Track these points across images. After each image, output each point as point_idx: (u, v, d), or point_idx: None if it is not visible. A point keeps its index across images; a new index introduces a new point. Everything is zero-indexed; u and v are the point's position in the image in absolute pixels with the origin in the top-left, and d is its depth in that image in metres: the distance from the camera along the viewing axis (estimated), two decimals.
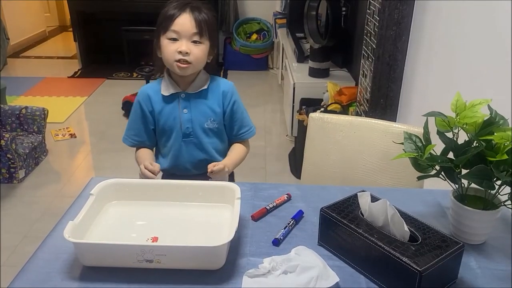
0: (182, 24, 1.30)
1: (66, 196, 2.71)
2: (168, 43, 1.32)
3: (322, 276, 0.87)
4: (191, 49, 1.30)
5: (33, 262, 0.93)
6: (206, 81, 1.41)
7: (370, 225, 0.92)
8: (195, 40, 1.31)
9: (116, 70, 5.05)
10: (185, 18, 1.30)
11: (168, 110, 1.40)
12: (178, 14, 1.30)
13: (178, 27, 1.30)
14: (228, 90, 1.42)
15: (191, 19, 1.30)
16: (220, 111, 1.41)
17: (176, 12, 1.31)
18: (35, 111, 3.09)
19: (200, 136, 1.41)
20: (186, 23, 1.30)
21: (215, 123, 1.41)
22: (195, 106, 1.40)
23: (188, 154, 1.41)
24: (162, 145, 1.46)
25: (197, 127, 1.40)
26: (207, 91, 1.41)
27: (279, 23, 4.75)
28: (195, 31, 1.30)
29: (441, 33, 1.84)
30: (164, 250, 0.88)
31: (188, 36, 1.30)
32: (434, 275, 0.82)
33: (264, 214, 1.11)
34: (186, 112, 1.39)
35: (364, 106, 2.49)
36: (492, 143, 0.91)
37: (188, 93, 1.39)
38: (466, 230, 0.99)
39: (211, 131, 1.42)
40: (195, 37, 1.31)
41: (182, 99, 1.39)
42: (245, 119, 1.46)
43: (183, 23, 1.30)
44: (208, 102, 1.41)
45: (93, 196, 1.04)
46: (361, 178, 1.53)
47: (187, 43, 1.30)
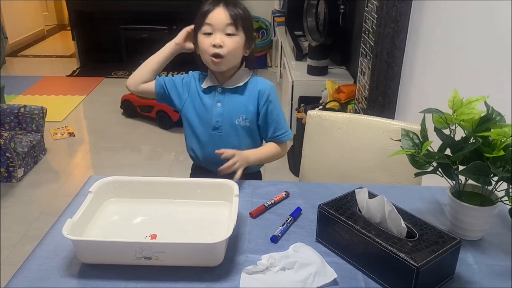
0: (215, 17, 1.30)
1: (65, 194, 2.71)
2: (203, 38, 1.31)
3: (320, 273, 0.88)
4: (224, 41, 1.29)
5: (32, 259, 0.94)
6: (245, 79, 1.40)
7: (368, 222, 0.92)
8: (229, 32, 1.30)
9: (114, 68, 5.04)
10: (219, 11, 1.30)
11: (204, 100, 1.40)
12: (212, 8, 1.30)
13: (211, 20, 1.30)
14: (266, 90, 1.39)
15: (224, 12, 1.29)
16: (254, 110, 1.38)
17: (210, 8, 1.31)
18: (34, 110, 3.08)
19: (229, 132, 1.39)
20: (220, 15, 1.29)
21: (247, 121, 1.39)
22: (228, 101, 1.38)
23: (215, 146, 1.36)
24: (190, 135, 1.44)
25: (227, 122, 1.39)
26: (244, 88, 1.39)
27: (278, 21, 4.74)
28: (228, 22, 1.29)
29: (439, 30, 1.84)
30: (163, 247, 0.88)
31: (222, 28, 1.29)
32: (431, 271, 0.82)
33: (263, 211, 1.11)
34: (219, 105, 1.38)
35: (362, 104, 2.49)
36: (489, 139, 0.91)
37: (224, 88, 1.39)
38: (463, 226, 1.00)
39: (241, 129, 1.39)
40: (228, 29, 1.29)
41: (218, 92, 1.39)
42: (281, 121, 1.42)
43: (216, 15, 1.30)
44: (243, 98, 1.39)
45: (91, 194, 1.04)
46: (359, 175, 1.53)
47: (221, 36, 1.29)
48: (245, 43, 1.35)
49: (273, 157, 1.43)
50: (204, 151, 1.43)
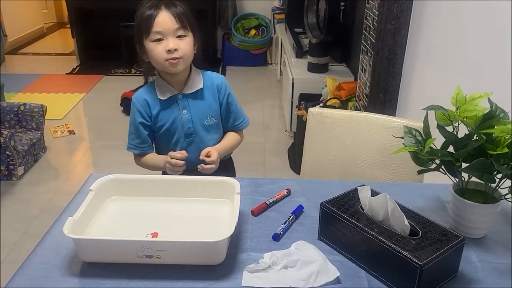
0: (163, 22, 1.28)
1: (65, 192, 2.71)
2: (154, 45, 1.30)
3: (323, 271, 0.87)
4: (178, 45, 1.29)
5: (32, 258, 0.93)
6: (200, 79, 1.41)
7: (370, 220, 0.92)
8: (179, 35, 1.30)
9: (114, 66, 5.03)
10: (164, 15, 1.28)
11: (167, 113, 1.39)
12: (156, 13, 1.28)
13: (159, 27, 1.28)
14: (222, 84, 1.43)
15: (169, 15, 1.28)
16: (217, 105, 1.43)
17: (152, 12, 1.28)
18: (34, 108, 3.08)
19: (202, 134, 1.42)
20: (166, 20, 1.28)
21: (214, 119, 1.42)
22: (193, 106, 1.40)
23: (191, 153, 1.39)
24: (163, 147, 1.45)
25: (198, 126, 1.41)
26: (203, 90, 1.41)
27: (278, 18, 4.73)
28: (177, 26, 1.29)
29: (441, 26, 1.83)
30: (164, 245, 0.88)
31: (172, 33, 1.29)
32: (434, 268, 0.82)
33: (264, 209, 1.11)
34: (185, 112, 1.39)
35: (363, 101, 2.48)
36: (493, 136, 0.91)
37: (185, 94, 1.39)
38: (466, 223, 0.99)
39: (211, 127, 1.43)
40: (179, 32, 1.29)
41: (180, 100, 1.39)
42: (239, 111, 1.48)
43: (164, 21, 1.28)
44: (206, 99, 1.41)
45: (92, 192, 1.04)
46: (361, 173, 1.53)
47: (173, 40, 1.29)
48: (194, 41, 1.35)
49: (236, 146, 1.50)
50: None
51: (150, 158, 1.45)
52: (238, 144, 1.51)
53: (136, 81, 4.15)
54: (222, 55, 5.24)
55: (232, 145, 1.48)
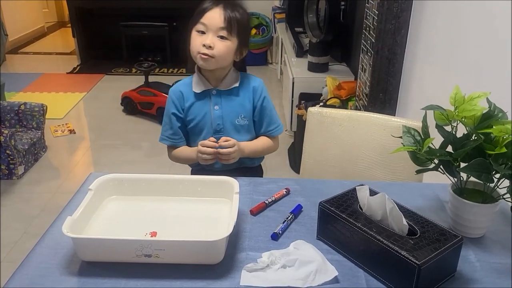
0: (211, 17, 1.29)
1: (65, 192, 2.71)
2: (195, 35, 1.31)
3: (321, 270, 0.88)
4: (215, 43, 1.29)
5: (32, 257, 0.93)
6: (237, 79, 1.40)
7: (369, 219, 0.92)
8: (221, 35, 1.29)
9: (115, 65, 5.04)
10: (215, 12, 1.29)
11: (199, 106, 1.39)
12: (210, 7, 1.30)
13: (206, 20, 1.29)
14: (259, 86, 1.41)
15: (220, 14, 1.28)
16: (250, 107, 1.41)
17: (208, 6, 1.30)
18: (34, 107, 3.08)
19: (231, 133, 1.40)
20: (215, 16, 1.29)
21: (246, 120, 1.40)
22: (226, 103, 1.39)
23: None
24: (192, 140, 1.45)
25: (227, 124, 1.40)
26: (238, 89, 1.40)
27: (278, 18, 4.73)
28: (222, 26, 1.28)
29: (440, 26, 1.83)
30: (163, 245, 0.88)
31: (215, 30, 1.29)
32: (432, 268, 0.82)
33: (263, 209, 1.11)
34: (217, 108, 1.38)
35: (363, 101, 2.48)
36: (491, 136, 0.91)
37: (220, 90, 1.39)
38: (465, 223, 0.99)
39: (241, 128, 1.41)
40: (221, 32, 1.29)
41: (213, 95, 1.39)
42: (274, 116, 1.45)
43: (212, 16, 1.29)
44: (239, 99, 1.40)
45: (92, 191, 1.04)
46: (360, 172, 1.53)
47: (212, 37, 1.29)
48: (237, 48, 1.34)
49: (267, 151, 1.46)
50: None
51: (182, 150, 1.44)
52: (269, 150, 1.47)
53: (136, 81, 4.15)
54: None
55: (262, 148, 1.44)
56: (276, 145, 1.49)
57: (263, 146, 1.44)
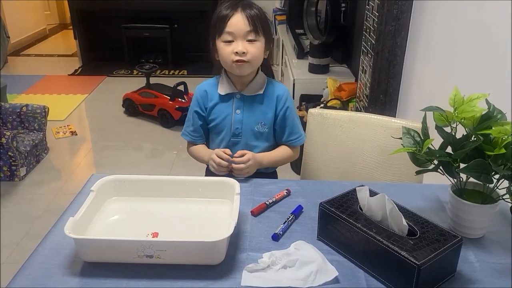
0: (236, 24, 1.29)
1: (67, 193, 2.72)
2: (224, 45, 1.31)
3: (321, 271, 0.88)
4: (247, 48, 1.29)
5: (34, 258, 0.94)
6: (263, 85, 1.40)
7: (369, 220, 0.92)
8: (250, 39, 1.30)
9: (116, 67, 5.05)
10: (238, 17, 1.29)
11: (221, 108, 1.40)
12: (231, 14, 1.29)
13: (232, 28, 1.29)
14: (283, 95, 1.41)
15: (243, 18, 1.28)
16: (272, 115, 1.40)
17: (228, 13, 1.29)
18: (36, 109, 3.09)
19: (249, 138, 1.40)
20: (240, 22, 1.28)
21: (265, 127, 1.40)
22: (248, 109, 1.39)
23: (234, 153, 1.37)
24: (211, 139, 1.46)
25: (246, 129, 1.40)
26: (263, 96, 1.39)
27: (279, 20, 4.73)
28: (249, 29, 1.29)
29: (440, 28, 1.84)
30: (164, 245, 0.89)
31: (243, 35, 1.29)
32: (432, 268, 0.82)
33: (264, 210, 1.12)
34: (238, 113, 1.39)
35: (363, 102, 2.49)
36: (490, 137, 0.91)
37: (244, 95, 1.39)
38: (464, 224, 1.00)
39: (260, 135, 1.41)
40: (250, 36, 1.29)
41: (237, 99, 1.39)
42: (296, 126, 1.43)
43: (236, 23, 1.29)
44: (262, 106, 1.40)
45: (93, 192, 1.05)
46: (360, 173, 1.53)
47: (242, 43, 1.29)
48: (265, 45, 1.35)
49: (285, 160, 1.46)
50: None
51: (198, 149, 1.45)
52: (289, 159, 1.46)
53: (138, 82, 4.16)
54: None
55: (281, 158, 1.43)
56: (296, 154, 1.48)
57: (282, 156, 1.43)
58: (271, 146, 1.45)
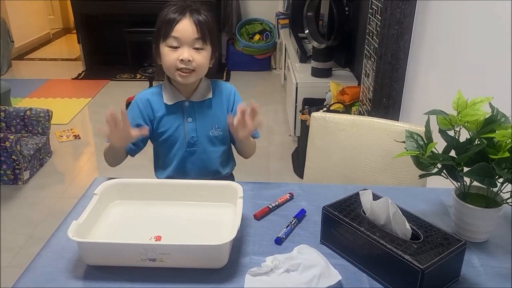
0: (183, 30, 1.23)
1: (70, 196, 2.73)
2: (168, 51, 1.25)
3: (325, 274, 0.88)
4: (193, 57, 1.25)
5: (37, 261, 0.94)
6: (209, 89, 1.37)
7: (372, 223, 0.92)
8: (197, 46, 1.25)
9: (119, 71, 5.06)
10: (186, 23, 1.23)
11: (171, 118, 1.34)
12: (179, 19, 1.23)
13: (178, 33, 1.23)
14: (230, 93, 1.39)
15: (191, 24, 1.23)
16: (224, 117, 1.35)
17: (176, 17, 1.24)
18: (40, 113, 3.10)
19: (205, 145, 1.37)
20: (187, 28, 1.23)
21: (220, 130, 1.37)
22: (199, 115, 1.35)
23: (192, 163, 1.37)
24: (163, 154, 1.40)
25: (202, 136, 1.36)
26: (211, 100, 1.36)
27: (282, 24, 4.75)
28: (196, 37, 1.24)
29: (443, 31, 1.84)
30: (167, 249, 0.89)
31: (190, 43, 1.24)
32: (436, 272, 0.82)
33: (267, 213, 1.11)
34: (190, 120, 1.34)
35: (366, 106, 2.49)
36: (494, 141, 0.91)
37: (192, 102, 1.35)
38: (468, 228, 0.99)
39: (216, 139, 1.38)
40: (197, 44, 1.25)
41: (186, 107, 1.34)
42: None
43: (184, 29, 1.23)
44: (213, 110, 1.36)
45: (96, 196, 1.05)
46: (363, 177, 1.53)
47: (189, 50, 1.24)
48: (211, 54, 1.31)
49: (253, 149, 1.43)
50: (179, 171, 1.38)
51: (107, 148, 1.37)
52: (254, 150, 1.43)
53: (141, 86, 4.17)
54: (227, 60, 5.26)
55: (253, 143, 1.41)
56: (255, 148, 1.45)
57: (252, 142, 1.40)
58: (227, 149, 1.43)
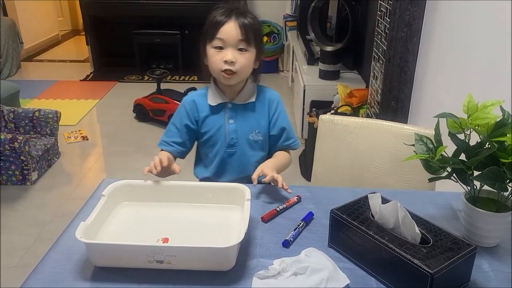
0: (228, 31, 1.27)
1: (78, 197, 2.74)
2: (214, 52, 1.29)
3: (333, 278, 0.87)
4: (236, 58, 1.28)
5: (45, 262, 0.94)
6: (254, 93, 1.39)
7: (381, 227, 0.91)
8: (241, 47, 1.28)
9: (127, 73, 5.09)
10: (231, 25, 1.27)
11: (213, 119, 1.37)
12: (224, 21, 1.27)
13: (223, 35, 1.27)
14: (274, 100, 1.40)
15: (236, 26, 1.27)
16: (266, 122, 1.39)
17: (222, 19, 1.27)
18: (48, 114, 3.12)
19: (245, 148, 1.38)
20: (232, 30, 1.27)
21: (260, 135, 1.38)
22: (241, 117, 1.37)
23: (230, 165, 1.39)
24: (204, 154, 1.43)
25: (242, 139, 1.38)
26: (255, 103, 1.38)
27: (289, 26, 4.75)
28: (240, 38, 1.27)
29: (453, 34, 1.82)
30: (175, 251, 0.89)
31: (234, 44, 1.27)
32: (445, 277, 0.81)
33: (274, 216, 1.11)
34: (232, 122, 1.37)
35: (375, 108, 2.48)
36: (505, 144, 0.90)
37: (235, 104, 1.37)
38: (478, 232, 0.98)
39: (255, 143, 1.39)
40: (241, 45, 1.28)
41: (229, 109, 1.37)
42: (291, 130, 1.42)
43: (229, 30, 1.27)
44: (255, 114, 1.38)
45: (104, 197, 1.05)
46: (372, 180, 1.52)
47: (232, 52, 1.28)
48: (256, 56, 1.33)
49: (286, 166, 1.44)
50: (218, 171, 1.41)
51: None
52: (288, 164, 1.43)
53: (149, 88, 4.18)
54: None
55: (283, 163, 1.41)
56: (290, 161, 1.46)
57: (283, 162, 1.40)
58: (265, 156, 1.43)
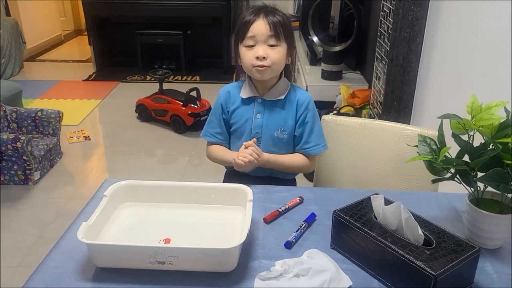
0: (257, 28, 1.30)
1: (80, 197, 2.74)
2: (245, 50, 1.33)
3: (335, 280, 0.87)
4: (268, 53, 1.30)
5: (47, 262, 0.94)
6: (285, 90, 1.40)
7: (384, 229, 0.91)
8: (271, 43, 1.31)
9: (130, 73, 5.09)
10: (260, 23, 1.30)
11: (242, 111, 1.41)
12: (253, 20, 1.31)
13: (253, 33, 1.30)
14: (304, 101, 1.39)
15: (265, 23, 1.30)
16: (293, 122, 1.39)
17: (251, 19, 1.31)
18: (50, 114, 3.12)
19: (268, 144, 1.39)
20: (261, 27, 1.30)
21: (285, 134, 1.39)
22: (268, 113, 1.39)
23: None
24: (233, 145, 1.46)
25: (266, 134, 1.39)
26: (284, 101, 1.39)
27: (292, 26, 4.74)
28: (270, 34, 1.30)
29: (456, 35, 1.82)
30: (176, 252, 0.88)
31: (264, 40, 1.30)
32: (449, 279, 0.80)
33: (277, 217, 1.11)
34: (259, 117, 1.39)
35: (377, 109, 2.47)
36: (509, 145, 0.89)
37: (265, 99, 1.39)
38: (482, 234, 0.98)
39: (280, 141, 1.39)
40: (271, 40, 1.31)
41: (258, 103, 1.40)
42: (314, 134, 1.39)
43: (257, 27, 1.30)
44: (283, 112, 1.39)
45: (106, 198, 1.05)
46: (374, 181, 1.51)
47: (263, 47, 1.30)
48: (287, 51, 1.36)
49: (296, 168, 1.43)
50: None
51: (222, 150, 1.44)
52: (301, 169, 1.43)
53: (151, 88, 4.18)
54: (236, 62, 5.27)
55: (291, 165, 1.40)
56: (312, 165, 1.44)
57: (292, 162, 1.40)
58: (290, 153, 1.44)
